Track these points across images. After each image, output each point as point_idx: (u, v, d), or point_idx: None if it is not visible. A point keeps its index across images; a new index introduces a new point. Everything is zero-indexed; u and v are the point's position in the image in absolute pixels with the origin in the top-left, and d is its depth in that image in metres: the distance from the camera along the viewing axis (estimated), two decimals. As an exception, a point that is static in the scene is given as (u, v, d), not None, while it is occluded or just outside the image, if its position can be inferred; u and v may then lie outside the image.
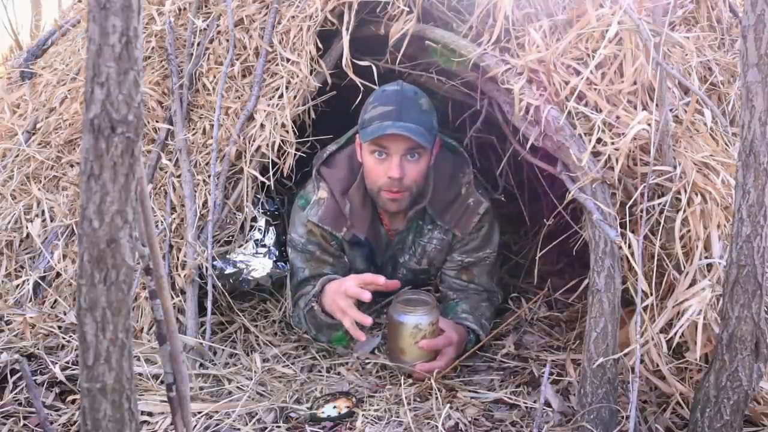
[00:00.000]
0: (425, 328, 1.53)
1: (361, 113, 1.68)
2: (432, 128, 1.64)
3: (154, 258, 0.77)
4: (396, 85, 1.66)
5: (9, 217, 1.91)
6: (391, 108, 1.60)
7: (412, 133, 1.56)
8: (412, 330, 1.53)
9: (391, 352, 1.61)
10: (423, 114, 1.62)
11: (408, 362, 1.55)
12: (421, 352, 1.54)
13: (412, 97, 1.63)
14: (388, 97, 1.63)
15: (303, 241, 1.79)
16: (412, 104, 1.61)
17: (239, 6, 2.00)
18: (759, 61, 1.00)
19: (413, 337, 1.53)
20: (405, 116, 1.58)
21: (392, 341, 1.58)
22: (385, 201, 1.69)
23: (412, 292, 1.66)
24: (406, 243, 1.87)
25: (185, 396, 0.82)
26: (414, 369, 1.54)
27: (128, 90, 0.66)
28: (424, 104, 1.64)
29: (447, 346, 1.56)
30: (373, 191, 1.70)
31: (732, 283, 1.07)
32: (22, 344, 1.52)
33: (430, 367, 1.53)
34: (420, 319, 1.53)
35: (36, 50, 2.45)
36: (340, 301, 1.54)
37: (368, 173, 1.69)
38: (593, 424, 1.25)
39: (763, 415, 1.27)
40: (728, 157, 1.42)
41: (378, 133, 1.57)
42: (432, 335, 1.54)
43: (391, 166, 1.61)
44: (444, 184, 1.79)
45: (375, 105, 1.63)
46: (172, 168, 1.82)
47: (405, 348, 1.55)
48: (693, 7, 1.90)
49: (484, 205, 1.79)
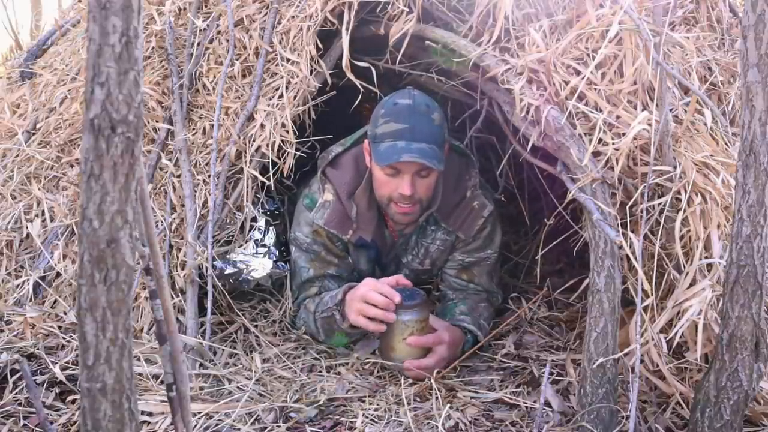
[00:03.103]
0: (413, 325, 1.54)
1: (371, 124, 1.66)
2: (443, 142, 1.64)
3: (154, 258, 0.77)
4: (408, 98, 1.62)
5: (9, 217, 1.91)
6: (404, 126, 1.57)
7: (424, 157, 1.55)
8: (401, 327, 1.54)
9: (382, 350, 1.62)
10: (435, 129, 1.60)
11: (397, 359, 1.56)
12: (410, 349, 1.54)
13: (425, 111, 1.60)
14: (400, 114, 1.59)
15: (308, 241, 1.79)
16: (425, 121, 1.59)
17: (239, 6, 2.00)
18: (759, 61, 1.00)
19: (401, 334, 1.54)
20: (418, 135, 1.57)
21: (383, 338, 1.60)
22: (396, 214, 1.70)
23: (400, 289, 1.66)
24: (410, 243, 1.87)
25: (185, 396, 0.82)
26: (403, 366, 1.54)
27: (128, 90, 0.66)
28: (436, 119, 1.62)
29: (437, 344, 1.56)
30: (383, 203, 1.71)
31: (732, 283, 1.07)
32: (22, 344, 1.52)
33: (418, 364, 1.53)
34: (408, 316, 1.54)
35: (36, 50, 2.45)
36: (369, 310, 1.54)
37: (378, 186, 1.69)
38: (593, 424, 1.25)
39: (763, 415, 1.27)
40: (728, 157, 1.42)
41: (392, 159, 1.56)
42: (421, 332, 1.55)
43: (403, 184, 1.60)
44: (450, 187, 1.79)
45: (387, 120, 1.60)
46: (172, 168, 1.82)
47: (394, 345, 1.56)
48: (693, 7, 1.90)
49: (488, 208, 1.80)
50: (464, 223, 1.79)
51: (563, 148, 1.44)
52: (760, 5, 0.98)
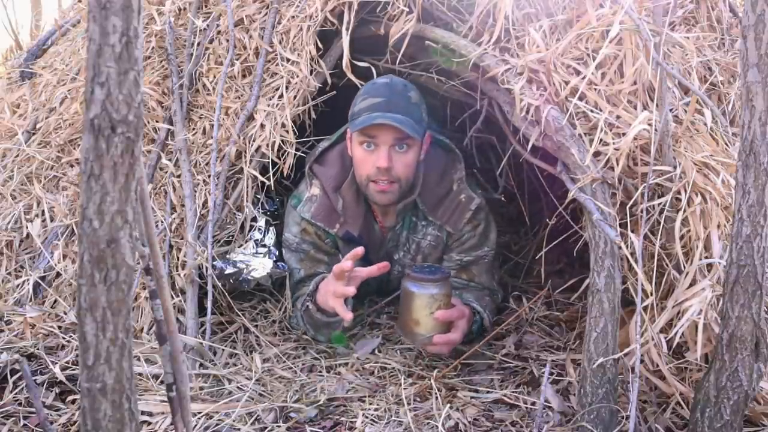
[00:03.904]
0: (440, 299, 1.53)
1: (351, 106, 1.70)
2: (421, 120, 1.66)
3: (154, 258, 0.77)
4: (386, 78, 1.69)
5: (9, 217, 1.91)
6: (380, 100, 1.62)
7: (400, 123, 1.58)
8: (428, 300, 1.52)
9: (404, 326, 1.58)
10: (412, 106, 1.64)
11: (422, 334, 1.53)
12: (435, 324, 1.53)
13: (401, 89, 1.65)
14: (377, 90, 1.65)
15: (297, 241, 1.80)
16: (400, 96, 1.64)
17: (239, 6, 2.00)
18: (759, 61, 1.00)
19: (429, 308, 1.52)
20: (394, 108, 1.60)
21: (406, 313, 1.56)
22: (374, 193, 1.69)
23: (422, 265, 1.66)
24: (400, 240, 1.87)
25: (185, 396, 0.82)
26: (432, 341, 1.53)
27: (128, 90, 0.66)
28: (413, 97, 1.66)
29: (460, 318, 1.56)
30: (362, 183, 1.71)
31: (732, 283, 1.07)
32: (22, 344, 1.52)
33: (447, 339, 1.52)
34: (435, 290, 1.52)
35: (36, 50, 2.45)
36: (329, 287, 1.55)
37: (357, 165, 1.70)
38: (593, 424, 1.25)
39: (763, 415, 1.27)
40: (728, 157, 1.42)
41: (367, 122, 1.59)
42: (446, 307, 1.54)
43: (380, 156, 1.62)
44: (435, 180, 1.79)
45: (365, 97, 1.65)
46: (172, 168, 1.82)
47: (420, 319, 1.53)
48: (693, 7, 1.90)
49: (476, 201, 1.80)
50: (452, 216, 1.80)
51: (563, 148, 1.44)
52: (760, 5, 0.98)
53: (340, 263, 1.52)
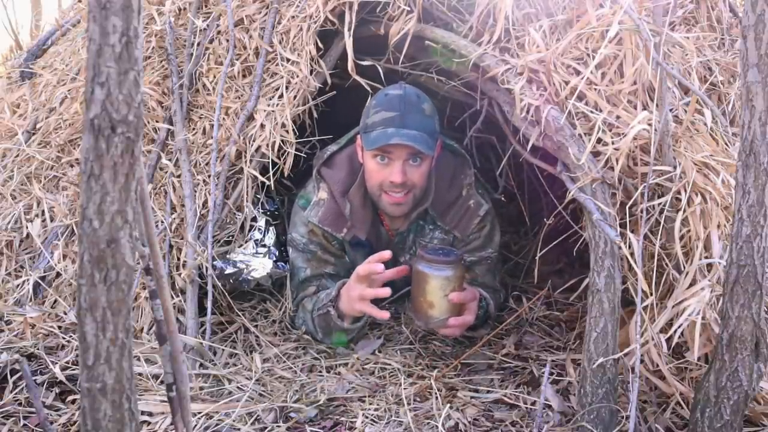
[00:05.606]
0: (455, 281, 1.52)
1: (363, 116, 1.68)
2: (434, 132, 1.65)
3: (154, 258, 0.77)
4: (398, 89, 1.65)
5: (9, 217, 1.92)
6: (394, 114, 1.60)
7: (415, 141, 1.56)
8: (443, 282, 1.51)
9: (417, 309, 1.56)
10: (425, 119, 1.62)
11: (437, 316, 1.53)
12: (449, 305, 1.52)
13: (415, 101, 1.63)
14: (390, 102, 1.62)
15: (304, 241, 1.79)
16: (414, 109, 1.61)
17: (239, 6, 2.00)
18: (759, 61, 1.00)
19: (443, 290, 1.51)
20: (408, 122, 1.58)
21: (420, 296, 1.55)
22: (387, 205, 1.70)
23: (434, 247, 1.64)
24: (407, 243, 1.87)
25: (185, 396, 0.82)
26: (446, 324, 1.53)
27: (128, 90, 0.66)
28: (426, 109, 1.64)
29: (472, 300, 1.56)
30: (374, 194, 1.71)
31: (732, 283, 1.07)
32: (22, 344, 1.52)
33: (462, 321, 1.53)
34: (450, 271, 1.51)
35: (36, 50, 2.45)
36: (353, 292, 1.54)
37: (370, 176, 1.69)
38: (593, 424, 1.25)
39: (763, 415, 1.27)
40: (728, 157, 1.42)
41: (381, 142, 1.58)
42: (460, 288, 1.53)
43: (393, 171, 1.62)
44: (445, 186, 1.79)
45: (378, 110, 1.63)
46: (172, 168, 1.82)
47: (434, 301, 1.52)
48: (693, 7, 1.90)
49: (484, 207, 1.80)
50: (461, 221, 1.80)
51: (563, 148, 1.44)
52: (760, 5, 0.98)
53: (369, 265, 1.52)
